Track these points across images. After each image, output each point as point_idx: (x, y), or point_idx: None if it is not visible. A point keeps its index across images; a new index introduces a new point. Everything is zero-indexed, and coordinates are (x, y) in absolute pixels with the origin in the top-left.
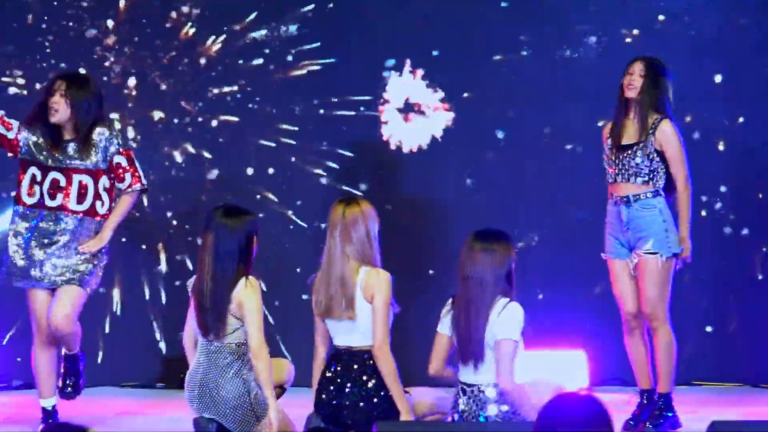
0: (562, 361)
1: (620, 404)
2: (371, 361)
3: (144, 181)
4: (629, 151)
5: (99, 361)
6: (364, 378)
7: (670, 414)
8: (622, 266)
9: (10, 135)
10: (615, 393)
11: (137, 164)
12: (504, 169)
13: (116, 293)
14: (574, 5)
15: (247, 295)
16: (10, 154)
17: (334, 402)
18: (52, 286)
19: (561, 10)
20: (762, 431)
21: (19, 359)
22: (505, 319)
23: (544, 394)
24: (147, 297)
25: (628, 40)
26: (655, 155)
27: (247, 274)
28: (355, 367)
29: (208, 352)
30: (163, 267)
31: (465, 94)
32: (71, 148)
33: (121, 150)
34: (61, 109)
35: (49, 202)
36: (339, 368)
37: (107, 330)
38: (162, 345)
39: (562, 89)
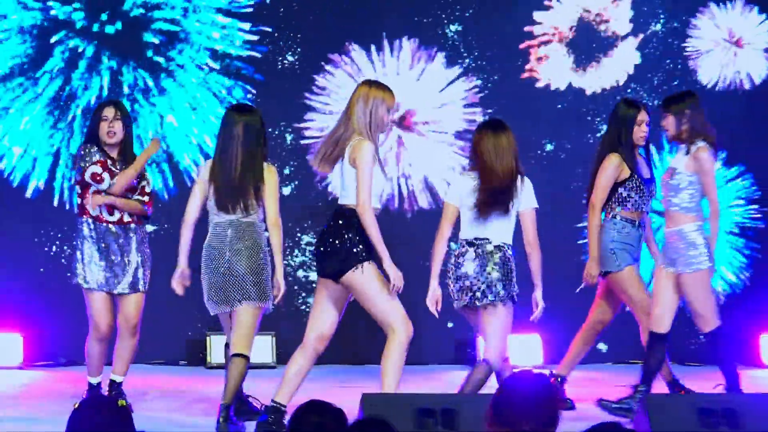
0: (520, 343)
1: (578, 380)
2: (351, 219)
3: (151, 210)
4: (653, 186)
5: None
6: (342, 232)
7: None
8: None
9: (103, 186)
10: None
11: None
12: None
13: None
14: None
15: (269, 177)
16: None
17: (319, 251)
18: (113, 290)
19: None
20: (696, 402)
21: None
22: (526, 191)
23: None
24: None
25: None
26: None
27: (266, 158)
28: (339, 222)
29: (237, 228)
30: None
31: None
32: (119, 168)
33: (146, 175)
34: (118, 132)
35: (108, 217)
36: (330, 222)
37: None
38: (184, 328)
39: None
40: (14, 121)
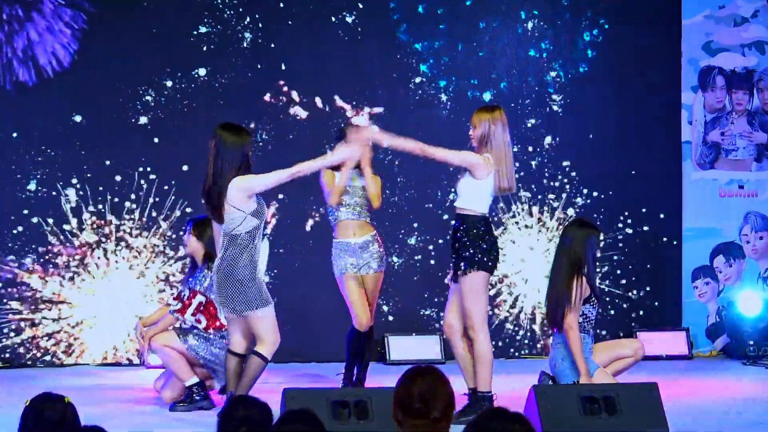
0: (423, 343)
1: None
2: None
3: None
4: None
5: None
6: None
7: None
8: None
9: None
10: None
11: None
12: None
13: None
14: None
15: (236, 182)
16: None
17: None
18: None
19: None
20: (580, 391)
21: None
22: None
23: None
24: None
25: None
26: None
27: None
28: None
29: (223, 237)
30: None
31: None
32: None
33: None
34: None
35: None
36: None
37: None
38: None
39: None
40: None
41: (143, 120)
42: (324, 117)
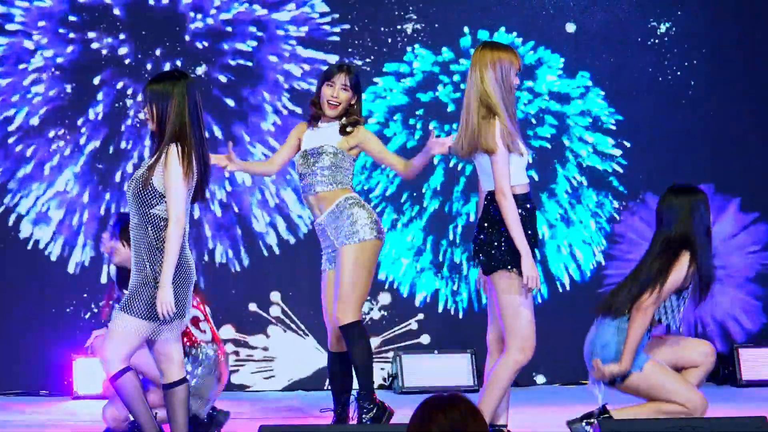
0: (451, 362)
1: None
2: None
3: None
4: None
5: None
6: None
7: None
8: None
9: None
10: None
11: None
12: None
13: None
14: None
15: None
16: None
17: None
18: None
19: None
20: (647, 429)
21: None
22: None
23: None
24: None
25: None
26: None
27: (177, 141)
28: None
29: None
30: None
31: None
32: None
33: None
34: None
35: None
36: None
37: None
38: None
39: None
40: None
41: None
42: None
